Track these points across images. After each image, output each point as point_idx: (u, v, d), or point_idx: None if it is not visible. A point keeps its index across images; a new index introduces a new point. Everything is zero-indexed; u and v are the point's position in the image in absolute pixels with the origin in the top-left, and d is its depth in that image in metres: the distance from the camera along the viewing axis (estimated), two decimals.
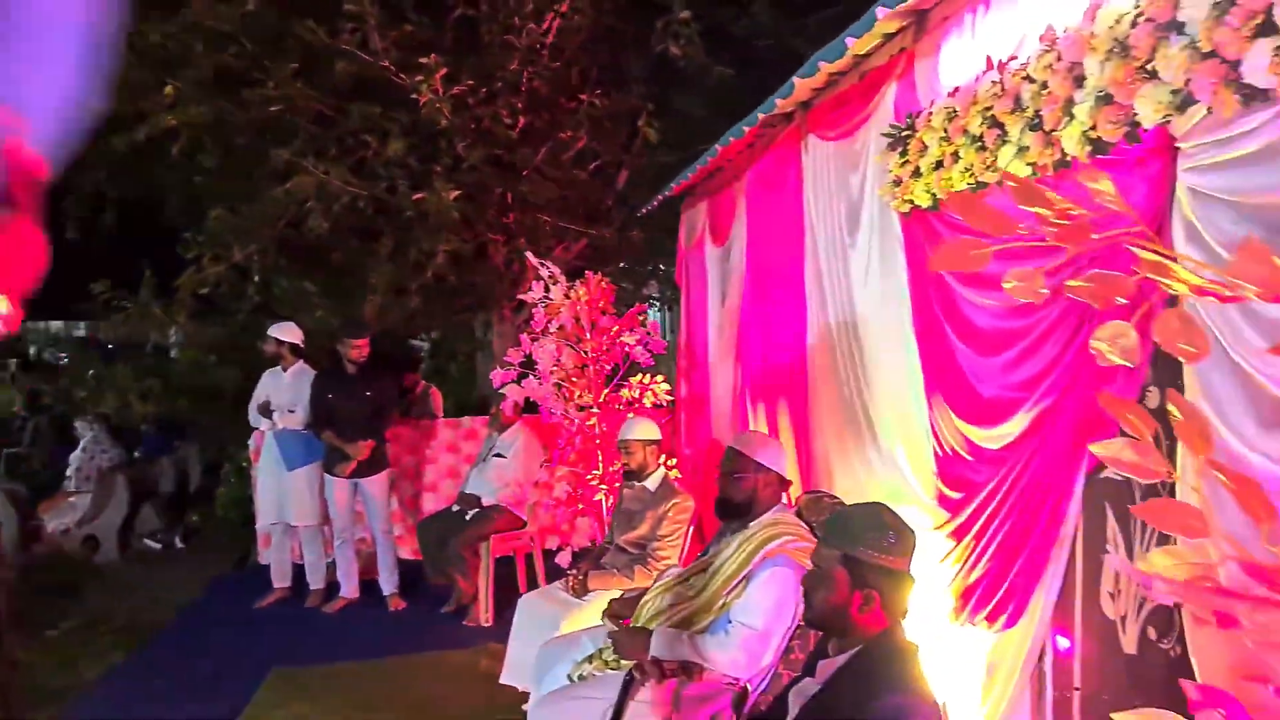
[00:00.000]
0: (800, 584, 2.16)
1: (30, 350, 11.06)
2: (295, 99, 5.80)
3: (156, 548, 7.43)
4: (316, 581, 5.87)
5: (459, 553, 5.39)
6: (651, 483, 4.18)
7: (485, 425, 6.36)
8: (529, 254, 5.49)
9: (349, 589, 5.83)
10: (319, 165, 5.90)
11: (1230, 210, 1.76)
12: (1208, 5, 1.65)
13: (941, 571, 2.78)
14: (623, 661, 2.98)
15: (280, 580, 5.95)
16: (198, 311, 6.54)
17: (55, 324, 16.34)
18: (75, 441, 7.91)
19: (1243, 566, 1.09)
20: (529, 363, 5.37)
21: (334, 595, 5.83)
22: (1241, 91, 1.64)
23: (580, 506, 5.41)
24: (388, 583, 5.80)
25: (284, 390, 5.77)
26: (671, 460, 4.86)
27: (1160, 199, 1.96)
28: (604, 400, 5.38)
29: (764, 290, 4.55)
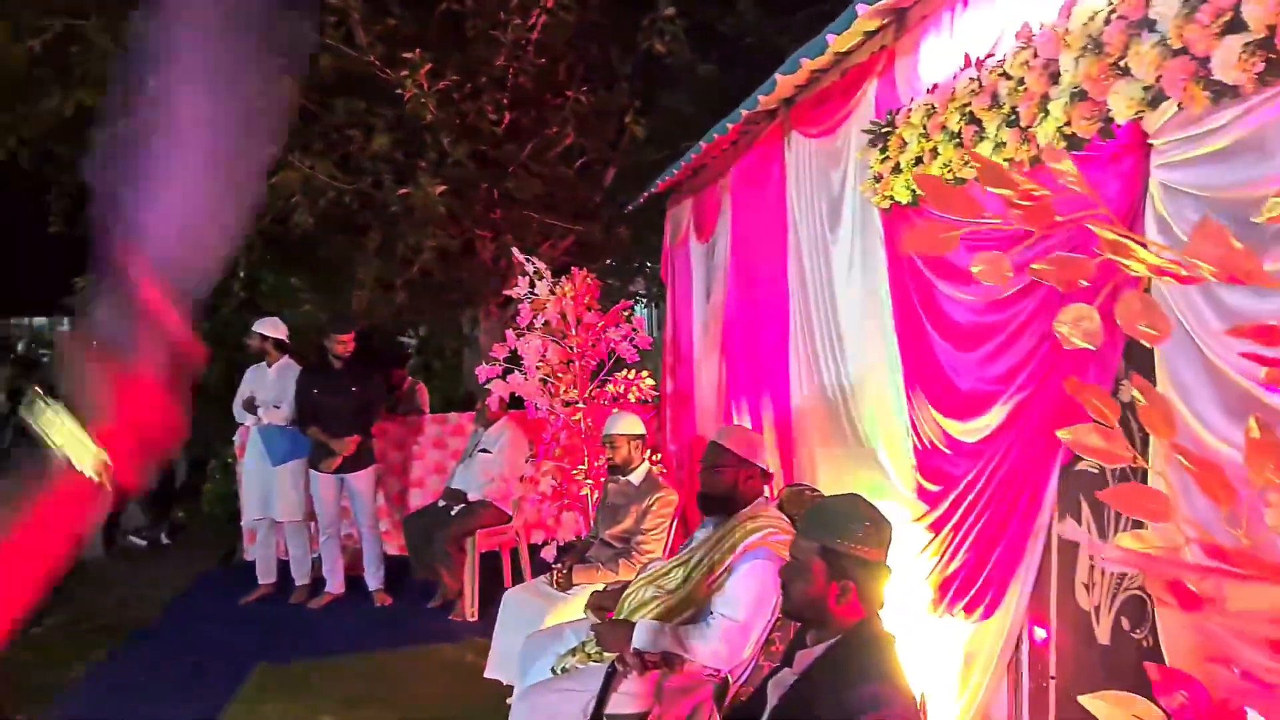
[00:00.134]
0: (778, 575, 2.18)
1: (19, 346, 10.93)
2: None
3: (142, 544, 7.39)
4: (302, 577, 5.86)
5: (445, 548, 5.40)
6: (636, 477, 4.20)
7: (471, 421, 6.37)
8: (515, 249, 5.49)
9: (335, 584, 5.82)
10: (304, 160, 5.88)
11: (1201, 205, 1.79)
12: (1178, 2, 1.68)
13: (920, 563, 2.81)
14: (605, 654, 3.00)
15: (266, 576, 5.94)
16: None
17: (40, 320, 16.22)
18: None
19: (1204, 549, 1.11)
20: (514, 358, 5.37)
21: (320, 591, 5.82)
22: (1211, 88, 1.66)
23: (566, 501, 5.41)
24: (373, 578, 5.81)
25: (269, 386, 5.76)
26: (656, 455, 4.87)
27: (1133, 194, 1.99)
28: (589, 396, 5.39)
29: (748, 286, 4.57)
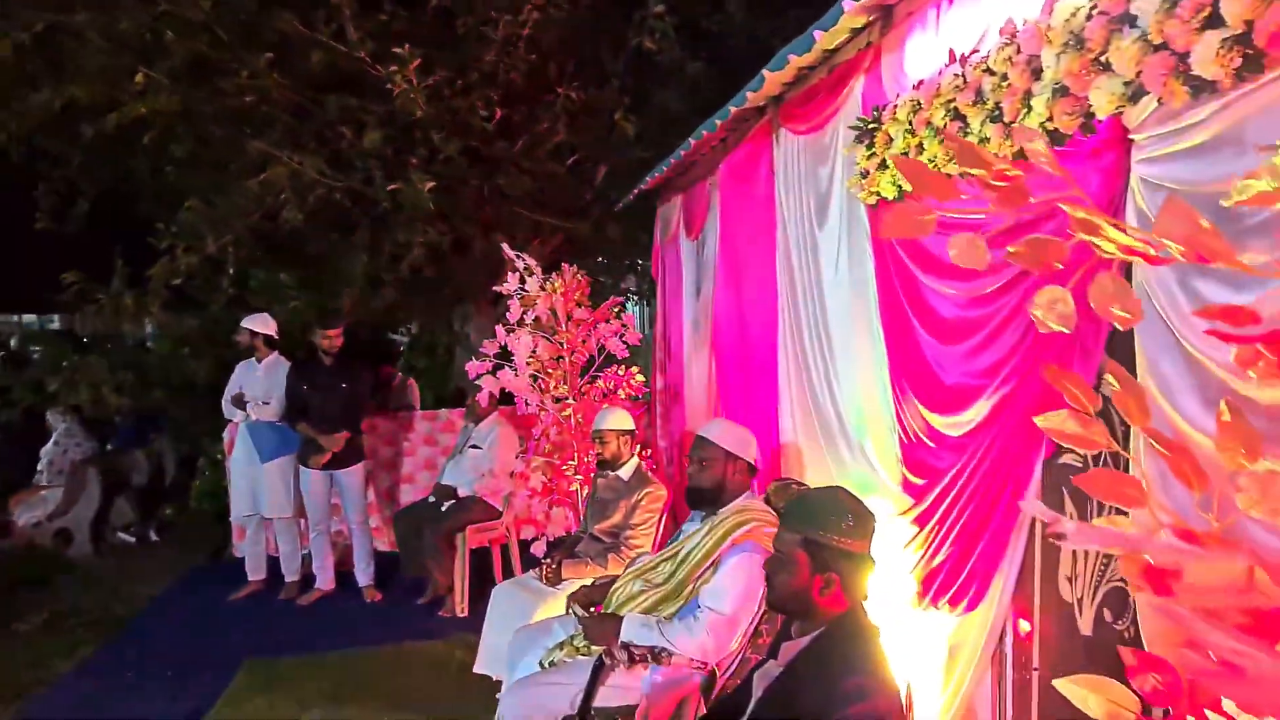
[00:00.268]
0: (763, 568, 2.19)
1: (10, 343, 10.85)
2: (270, 89, 5.76)
3: (131, 541, 7.38)
4: (291, 574, 5.85)
5: (435, 544, 5.41)
6: (625, 472, 4.21)
7: (462, 417, 6.37)
8: (505, 246, 5.50)
9: (324, 581, 5.81)
10: (294, 156, 5.87)
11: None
12: None
13: (906, 556, 2.82)
14: (593, 647, 3.01)
15: (255, 573, 5.93)
16: (171, 303, 6.49)
17: (29, 317, 16.14)
18: (47, 435, 7.82)
19: (1177, 533, 1.13)
20: (505, 354, 5.38)
21: (309, 587, 5.81)
22: (1190, 83, 1.68)
23: (555, 496, 5.42)
24: (363, 574, 5.80)
25: (257, 382, 5.74)
26: (646, 450, 4.89)
27: (1115, 189, 2.01)
28: (580, 392, 5.40)
29: (737, 283, 4.59)
